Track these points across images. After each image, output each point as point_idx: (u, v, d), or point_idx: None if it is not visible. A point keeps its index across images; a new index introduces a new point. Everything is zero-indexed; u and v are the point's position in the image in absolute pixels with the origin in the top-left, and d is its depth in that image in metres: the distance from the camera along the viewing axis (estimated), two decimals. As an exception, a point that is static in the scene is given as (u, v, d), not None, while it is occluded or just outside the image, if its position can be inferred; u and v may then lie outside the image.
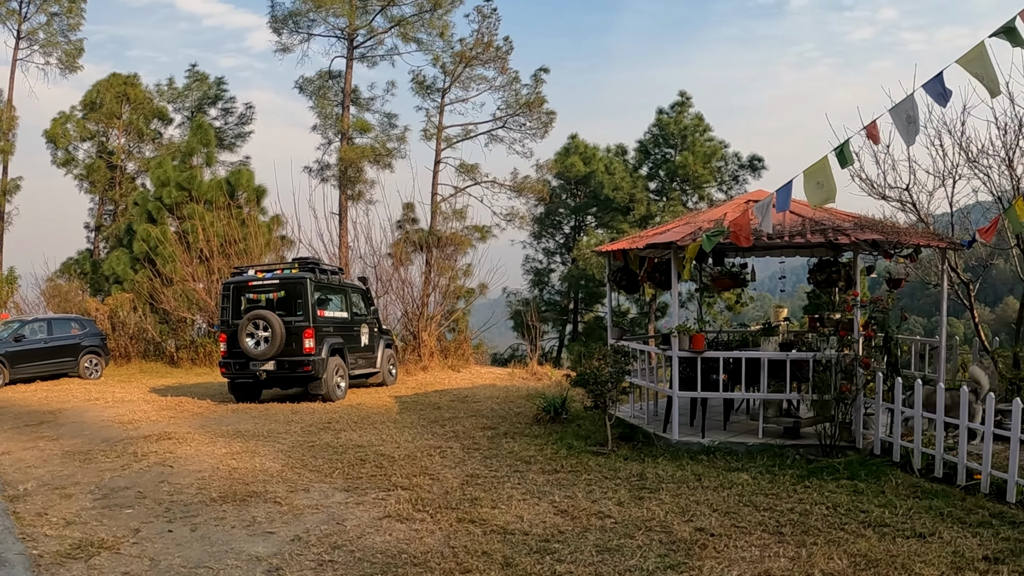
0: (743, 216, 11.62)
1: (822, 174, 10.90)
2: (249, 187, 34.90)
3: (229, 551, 8.29)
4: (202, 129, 36.77)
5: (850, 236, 12.02)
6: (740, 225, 11.53)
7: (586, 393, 13.79)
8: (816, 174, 10.92)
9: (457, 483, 11.08)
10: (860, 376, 11.97)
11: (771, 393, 12.62)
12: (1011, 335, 16.64)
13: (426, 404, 18.69)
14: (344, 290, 21.10)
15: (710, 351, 13.09)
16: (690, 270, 12.31)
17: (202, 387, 23.15)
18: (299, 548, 8.37)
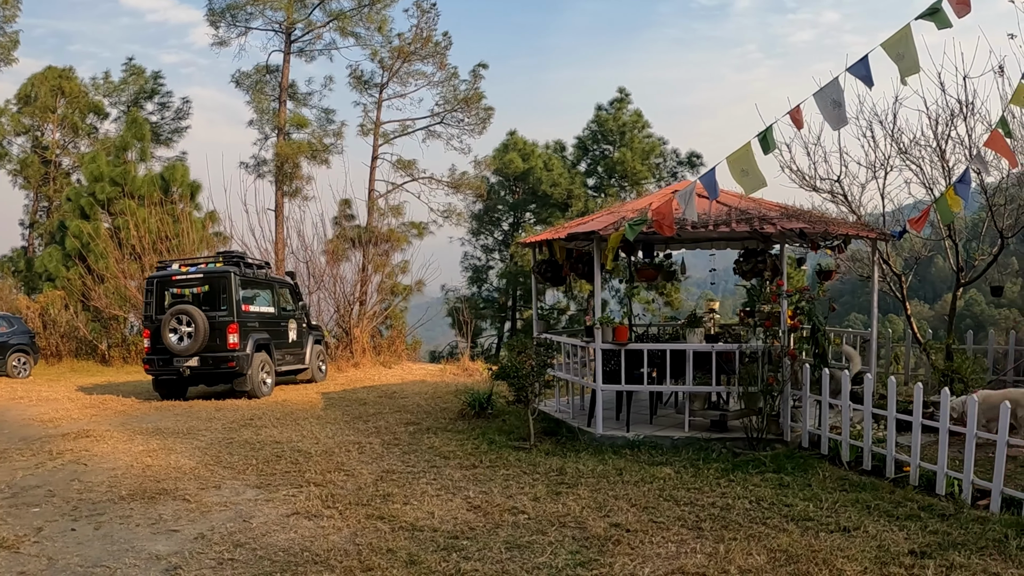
0: (666, 204, 11.16)
1: (746, 161, 10.47)
2: (183, 183, 33.99)
3: (129, 550, 7.87)
4: (137, 123, 35.80)
5: (776, 225, 11.59)
6: (663, 214, 11.06)
7: (508, 387, 13.24)
8: (740, 161, 10.49)
9: (371, 479, 10.62)
10: (787, 368, 11.54)
11: (697, 386, 12.17)
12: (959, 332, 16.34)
13: (352, 400, 18.09)
14: (271, 285, 20.41)
15: (635, 343, 12.61)
16: (613, 260, 11.81)
17: (130, 385, 22.35)
18: (201, 546, 7.94)
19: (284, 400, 18.33)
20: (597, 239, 12.23)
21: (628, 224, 11.20)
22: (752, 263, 12.52)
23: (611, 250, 11.66)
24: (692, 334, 12.44)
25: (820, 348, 11.48)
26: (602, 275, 13.21)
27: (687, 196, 10.96)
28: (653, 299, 36.54)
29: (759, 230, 11.65)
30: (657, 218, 11.15)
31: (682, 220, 11.62)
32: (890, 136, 14.50)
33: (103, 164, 33.57)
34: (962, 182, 11.90)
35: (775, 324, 11.71)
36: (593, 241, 12.47)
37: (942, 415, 9.24)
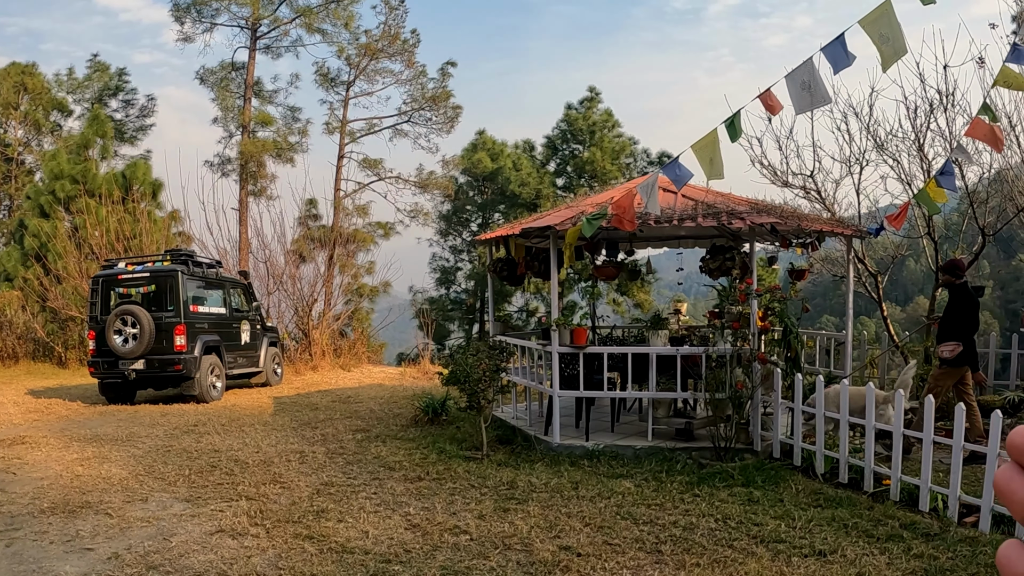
0: (626, 197, 10.24)
1: (712, 149, 9.55)
2: (145, 181, 32.82)
3: (37, 570, 7.09)
4: (98, 120, 34.57)
5: (745, 220, 10.68)
6: (623, 207, 10.14)
7: (459, 393, 12.27)
8: (706, 149, 9.58)
9: (308, 493, 9.70)
10: (757, 372, 10.63)
11: (660, 392, 11.25)
12: (924, 333, 15.45)
13: (304, 405, 17.09)
14: (222, 284, 19.37)
15: (594, 346, 11.68)
16: (575, 259, 10.87)
17: (80, 389, 21.23)
18: (112, 567, 7.12)
19: (233, 405, 17.33)
20: (553, 235, 11.31)
21: (586, 219, 10.29)
22: (719, 261, 11.58)
23: (569, 247, 10.75)
24: (655, 336, 11.50)
25: (792, 351, 10.57)
26: (564, 275, 12.29)
27: (649, 188, 10.05)
28: (622, 301, 35.55)
29: (727, 225, 10.73)
30: (617, 212, 10.24)
31: (644, 215, 10.72)
32: (866, 129, 13.63)
33: (63, 162, 32.45)
34: (944, 173, 11.05)
35: (744, 326, 10.81)
36: (549, 237, 11.53)
37: (926, 424, 8.36)
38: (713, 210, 11.04)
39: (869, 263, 14.45)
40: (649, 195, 10.04)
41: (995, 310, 64.08)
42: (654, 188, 10.06)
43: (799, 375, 10.07)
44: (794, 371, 10.42)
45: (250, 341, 20.05)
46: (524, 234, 11.89)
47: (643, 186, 10.17)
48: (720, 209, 11.11)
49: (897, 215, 11.98)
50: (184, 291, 17.57)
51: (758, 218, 10.72)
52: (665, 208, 11.24)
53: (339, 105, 35.82)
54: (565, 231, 10.67)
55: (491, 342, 12.27)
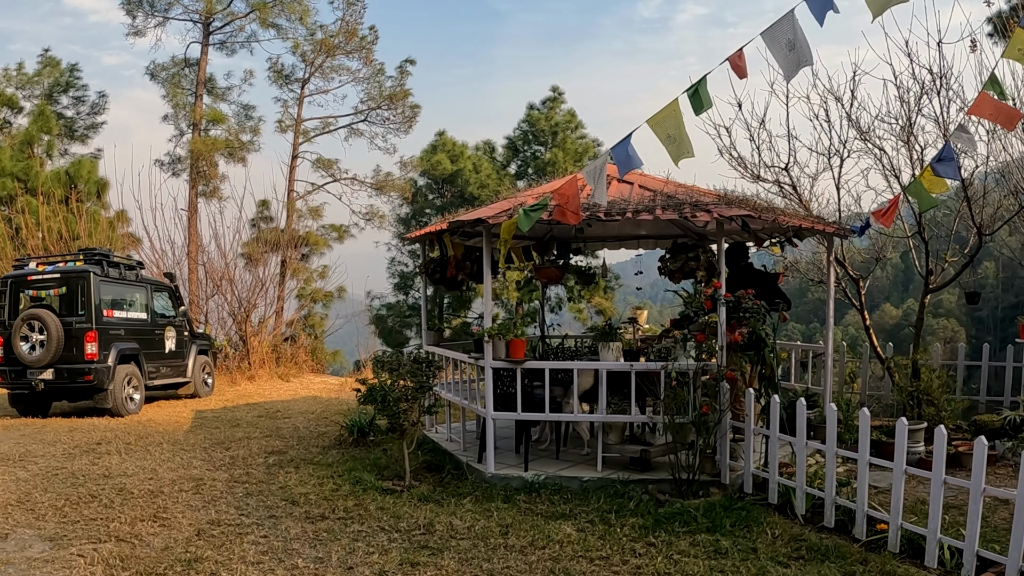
0: (570, 184, 8.41)
1: (673, 123, 7.74)
2: (90, 180, 30.81)
3: None
4: (44, 116, 32.65)
5: (712, 213, 8.81)
6: (567, 197, 8.33)
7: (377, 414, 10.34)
8: (666, 123, 7.77)
9: (188, 534, 7.95)
10: (725, 392, 8.78)
11: (612, 414, 9.38)
12: (897, 343, 13.66)
13: (226, 421, 15.14)
14: (143, 287, 17.35)
15: (534, 361, 9.81)
16: (506, 256, 9.01)
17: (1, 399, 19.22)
18: None
19: (149, 420, 15.37)
20: (486, 230, 9.45)
21: (523, 211, 8.46)
22: (681, 261, 9.67)
23: (504, 243, 8.89)
24: (606, 349, 9.60)
25: (767, 367, 8.71)
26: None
27: (595, 174, 8.23)
28: (584, 308, 33.54)
29: (690, 218, 8.87)
30: (560, 202, 8.41)
31: (593, 207, 8.89)
32: (847, 116, 11.84)
33: (6, 159, 30.49)
34: (943, 160, 9.26)
35: (710, 337, 8.99)
36: (483, 233, 9.64)
37: (935, 461, 6.57)
38: (674, 202, 9.18)
39: (849, 266, 12.63)
40: (596, 182, 8.22)
41: (961, 318, 62.78)
42: (602, 174, 8.24)
43: (775, 396, 8.24)
44: (769, 391, 8.60)
45: (176, 349, 18.07)
46: (453, 229, 10.01)
47: (589, 171, 8.36)
48: (682, 201, 9.26)
49: (886, 211, 10.21)
50: (97, 294, 15.64)
51: (727, 211, 8.86)
52: (619, 199, 9.41)
53: (293, 103, 33.83)
54: (499, 225, 8.83)
55: (416, 355, 10.39)
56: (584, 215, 8.80)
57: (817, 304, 55.70)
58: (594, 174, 8.25)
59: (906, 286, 73.17)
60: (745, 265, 10.82)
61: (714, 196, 10.03)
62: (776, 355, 8.65)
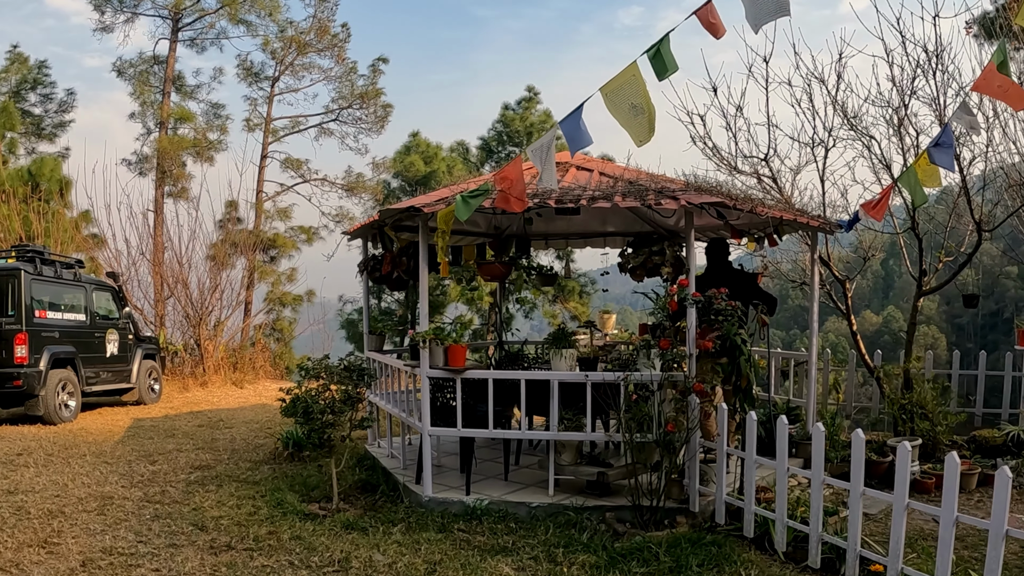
0: (513, 166, 7.12)
1: (633, 90, 6.46)
2: (52, 178, 29.35)
3: None
4: (7, 113, 31.17)
5: (680, 200, 7.47)
6: (510, 180, 7.06)
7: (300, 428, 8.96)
8: (625, 91, 6.49)
9: (73, 564, 6.80)
10: (695, 408, 7.48)
11: (565, 432, 8.06)
12: (885, 350, 12.39)
13: (163, 431, 13.78)
14: (82, 287, 15.95)
15: (477, 370, 8.48)
16: (450, 251, 7.69)
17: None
18: None
19: (82, 429, 13.99)
20: (423, 221, 8.14)
21: (461, 197, 7.16)
22: (644, 256, 8.32)
23: (442, 235, 7.58)
24: (558, 357, 8.25)
25: (743, 379, 7.40)
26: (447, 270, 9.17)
27: (542, 153, 6.94)
28: (558, 312, 32.13)
29: (654, 206, 7.54)
30: (503, 186, 7.12)
31: (542, 195, 7.60)
32: (833, 101, 10.57)
33: (-35, 157, 29.09)
34: (941, 145, 8.00)
35: (679, 343, 7.70)
36: (419, 225, 8.31)
37: (945, 494, 5.31)
38: (636, 188, 7.86)
39: (835, 266, 11.35)
40: (544, 163, 6.94)
41: (942, 324, 61.73)
42: (550, 154, 6.96)
43: (752, 413, 6.94)
44: (745, 406, 7.30)
45: (119, 353, 16.68)
46: (384, 219, 8.67)
47: (535, 149, 7.07)
48: (645, 187, 7.93)
49: (877, 203, 8.95)
50: (27, 293, 14.30)
51: (697, 197, 7.53)
52: (572, 186, 8.11)
53: (263, 101, 32.45)
54: (435, 215, 7.53)
55: (347, 362, 9.06)
56: (531, 203, 7.51)
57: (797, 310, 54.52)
58: (541, 154, 6.98)
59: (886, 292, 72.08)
60: (726, 264, 9.54)
61: (683, 183, 8.72)
62: (754, 365, 7.36)
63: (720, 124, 12.03)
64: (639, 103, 6.53)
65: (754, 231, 9.41)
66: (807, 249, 12.11)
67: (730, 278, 9.33)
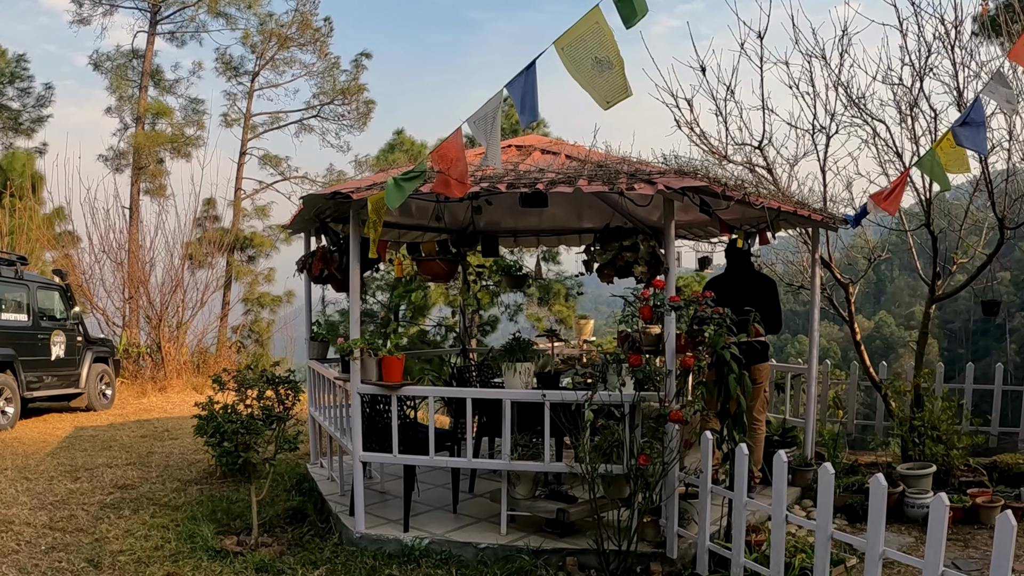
0: (452, 141, 5.76)
1: (597, 41, 5.11)
2: (24, 173, 27.93)
3: None
4: (-19, 107, 29.80)
5: (657, 185, 6.06)
6: (449, 158, 5.70)
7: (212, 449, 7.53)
8: (587, 43, 5.15)
9: None
10: (675, 435, 6.09)
11: (519, 461, 6.66)
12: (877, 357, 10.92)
13: (101, 441, 12.42)
14: (24, 286, 14.52)
15: (414, 386, 7.08)
16: (377, 240, 6.30)
17: None
18: None
19: (15, 438, 12.62)
20: (354, 210, 6.74)
21: (393, 180, 5.82)
22: (612, 252, 6.84)
23: (374, 225, 6.22)
24: (512, 372, 6.85)
25: (733, 402, 6.00)
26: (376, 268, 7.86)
27: (486, 124, 5.62)
28: (543, 316, 30.57)
29: (626, 192, 6.14)
30: (441, 165, 5.77)
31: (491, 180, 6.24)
32: (836, 82, 9.20)
33: (-66, 152, 27.77)
34: (969, 124, 6.64)
35: (660, 353, 6.33)
36: (350, 215, 6.90)
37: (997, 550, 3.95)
38: (605, 171, 6.45)
39: (836, 268, 9.96)
40: (488, 136, 5.60)
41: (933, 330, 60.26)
42: (495, 125, 5.66)
43: (743, 446, 5.56)
44: (735, 435, 5.91)
45: (65, 356, 15.25)
46: (307, 205, 7.27)
47: (477, 119, 5.73)
48: (617, 169, 6.52)
49: (890, 193, 7.61)
50: (-40, 292, 12.90)
51: (678, 181, 6.13)
52: (530, 169, 6.73)
53: (243, 97, 31.05)
54: (363, 201, 6.16)
55: (270, 372, 7.68)
56: (478, 187, 6.13)
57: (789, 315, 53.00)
58: (484, 126, 5.64)
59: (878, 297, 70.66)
60: (748, 265, 8.17)
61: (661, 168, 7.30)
62: (746, 385, 5.99)
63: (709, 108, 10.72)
64: (604, 56, 5.17)
65: (745, 226, 8.03)
66: (804, 249, 10.76)
67: (754, 284, 7.97)
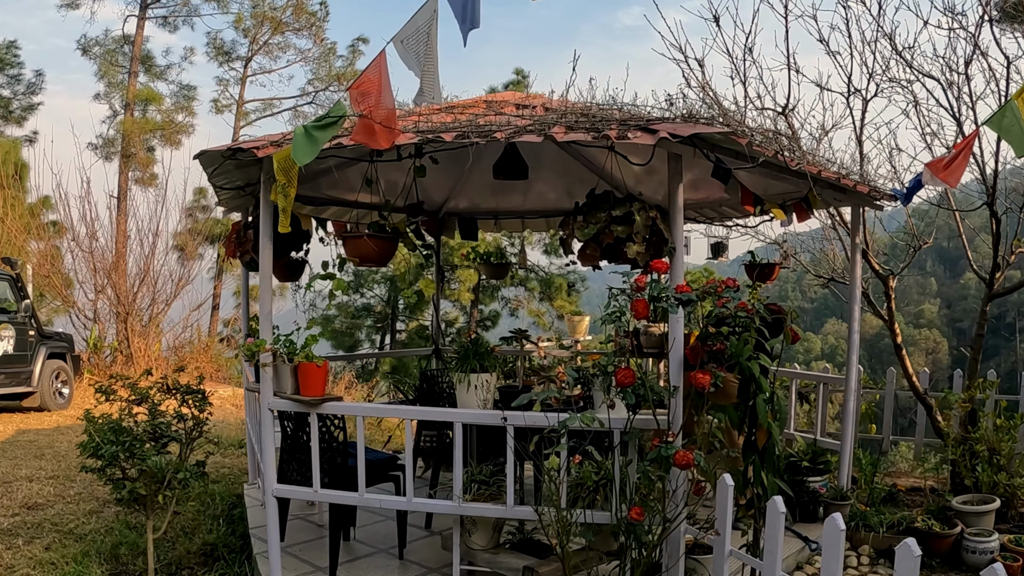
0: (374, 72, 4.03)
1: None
2: (8, 161, 26.34)
3: None
4: (-32, 95, 28.26)
5: (659, 132, 4.32)
6: (372, 93, 3.97)
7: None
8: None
9: None
10: (680, 480, 4.36)
11: (474, 503, 4.93)
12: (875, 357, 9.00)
13: (37, 448, 10.86)
14: (-33, 276, 12.91)
15: (338, 402, 5.36)
16: (288, 209, 4.59)
17: None
18: None
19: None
20: (264, 171, 5.00)
21: (304, 127, 4.12)
22: (598, 223, 4.94)
23: (282, 190, 4.54)
24: (465, 386, 5.12)
25: (762, 432, 4.26)
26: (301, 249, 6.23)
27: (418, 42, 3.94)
28: (544, 311, 28.62)
29: (617, 144, 4.41)
30: (365, 107, 4.07)
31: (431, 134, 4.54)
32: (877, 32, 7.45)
33: (-85, 140, 26.26)
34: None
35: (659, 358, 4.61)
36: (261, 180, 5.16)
37: None
38: (589, 117, 4.72)
39: (872, 257, 8.19)
40: (422, 60, 3.93)
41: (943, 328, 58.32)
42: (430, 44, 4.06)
43: (777, 501, 3.83)
44: (763, 478, 4.19)
45: (14, 352, 13.59)
46: (206, 167, 5.55)
47: (406, 38, 4.02)
48: (606, 118, 4.79)
49: (952, 160, 5.86)
50: None
51: (687, 128, 4.39)
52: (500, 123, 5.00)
53: (235, 83, 29.42)
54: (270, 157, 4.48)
55: (172, 381, 6.02)
56: (415, 136, 4.42)
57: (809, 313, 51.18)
58: (416, 47, 3.96)
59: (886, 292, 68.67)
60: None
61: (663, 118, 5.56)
62: (780, 408, 4.24)
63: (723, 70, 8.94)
64: None
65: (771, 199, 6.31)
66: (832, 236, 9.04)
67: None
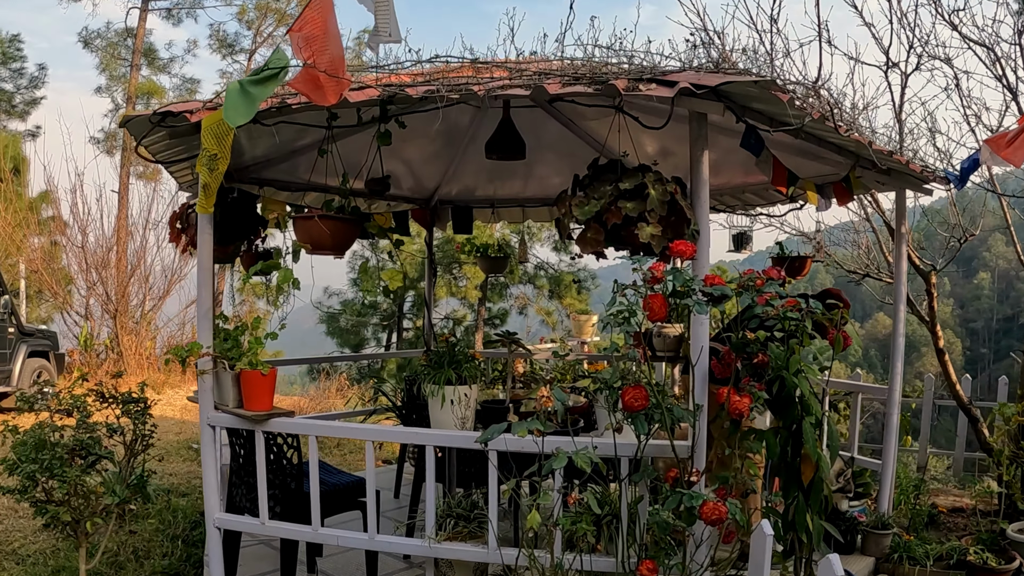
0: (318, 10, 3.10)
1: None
2: (6, 155, 25.70)
3: None
4: (-31, 88, 27.65)
5: (679, 83, 3.41)
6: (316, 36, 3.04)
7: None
8: None
9: None
10: (707, 537, 3.42)
11: (449, 542, 4.00)
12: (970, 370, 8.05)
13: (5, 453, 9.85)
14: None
15: (289, 417, 4.41)
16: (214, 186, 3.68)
17: None
18: None
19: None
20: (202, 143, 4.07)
21: (239, 83, 3.20)
22: (604, 199, 3.84)
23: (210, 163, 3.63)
24: (438, 402, 4.18)
25: (809, 465, 3.32)
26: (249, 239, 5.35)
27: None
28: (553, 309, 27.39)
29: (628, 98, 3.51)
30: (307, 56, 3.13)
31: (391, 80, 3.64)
32: (921, 0, 6.49)
33: (-87, 134, 25.65)
34: None
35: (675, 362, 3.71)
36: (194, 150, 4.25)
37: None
38: (594, 70, 3.78)
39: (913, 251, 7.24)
40: None
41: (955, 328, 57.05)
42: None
43: (834, 561, 2.89)
44: (809, 523, 3.26)
45: (-5, 350, 12.73)
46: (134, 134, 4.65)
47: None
48: (614, 72, 3.84)
49: (1016, 136, 4.94)
50: None
51: (713, 78, 3.46)
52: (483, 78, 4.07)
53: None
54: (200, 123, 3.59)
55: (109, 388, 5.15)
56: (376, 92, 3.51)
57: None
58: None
59: (898, 291, 67.49)
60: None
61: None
62: (835, 440, 3.28)
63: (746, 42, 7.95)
64: None
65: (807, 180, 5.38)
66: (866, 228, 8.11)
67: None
